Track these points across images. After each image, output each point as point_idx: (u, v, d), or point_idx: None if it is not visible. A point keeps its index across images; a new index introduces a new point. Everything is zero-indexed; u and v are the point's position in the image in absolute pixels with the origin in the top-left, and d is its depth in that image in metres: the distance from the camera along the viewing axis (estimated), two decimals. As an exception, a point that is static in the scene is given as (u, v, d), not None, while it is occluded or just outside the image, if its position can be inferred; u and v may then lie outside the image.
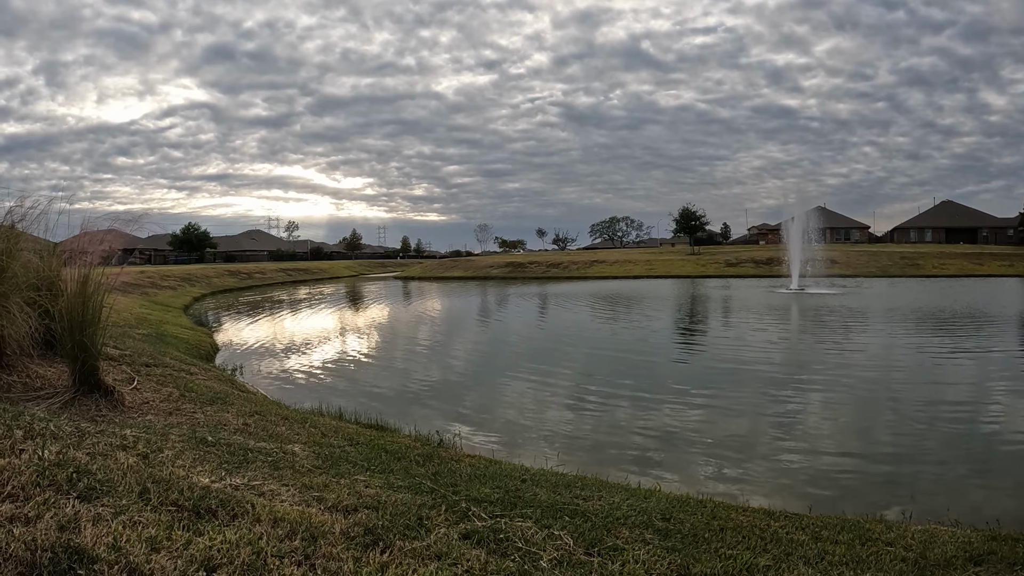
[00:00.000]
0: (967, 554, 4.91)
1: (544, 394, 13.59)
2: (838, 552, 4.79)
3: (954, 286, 47.06)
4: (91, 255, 7.81)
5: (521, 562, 3.67)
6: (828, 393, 13.22)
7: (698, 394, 13.21)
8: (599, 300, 41.14)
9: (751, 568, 4.09)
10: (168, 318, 25.19)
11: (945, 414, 11.42)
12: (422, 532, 3.96)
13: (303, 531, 3.66)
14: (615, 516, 4.88)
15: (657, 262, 78.91)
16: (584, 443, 10.10)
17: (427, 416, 11.28)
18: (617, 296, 44.19)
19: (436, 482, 5.42)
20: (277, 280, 71.47)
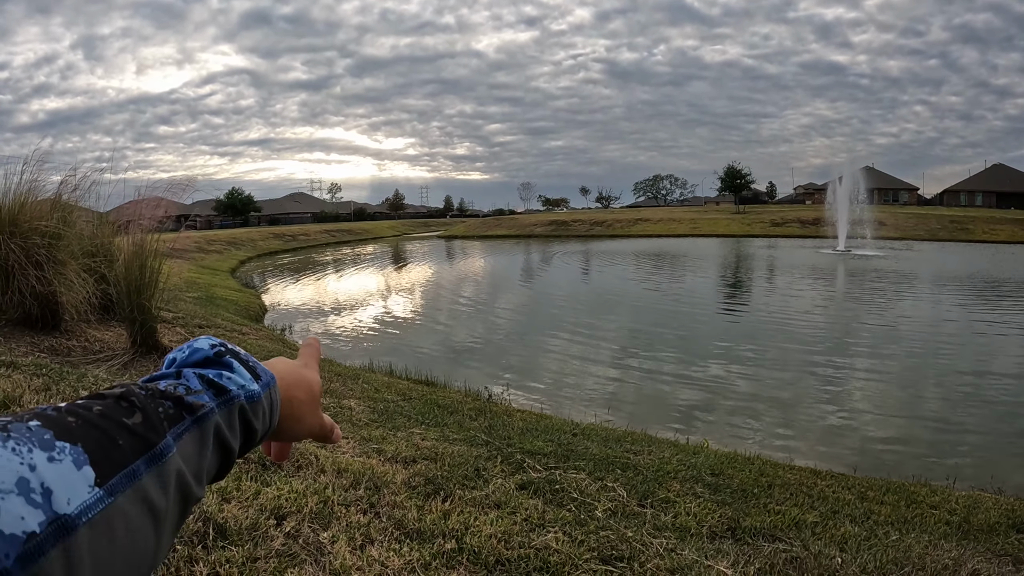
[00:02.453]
0: (1010, 521, 4.96)
1: (589, 351, 13.69)
2: (883, 512, 4.86)
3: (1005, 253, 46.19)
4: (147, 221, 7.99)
5: (577, 512, 3.79)
6: (874, 358, 13.15)
7: (743, 354, 13.23)
8: (643, 258, 41.05)
9: (799, 524, 4.18)
10: (216, 281, 25.54)
11: (992, 383, 11.34)
12: (480, 482, 4.09)
13: (366, 481, 3.80)
14: (665, 470, 4.98)
15: (702, 221, 78.29)
16: (630, 399, 10.20)
17: (475, 373, 11.42)
18: (662, 254, 44.09)
19: (490, 435, 5.55)
20: (321, 241, 71.84)
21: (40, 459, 0.50)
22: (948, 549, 3.99)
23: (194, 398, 0.67)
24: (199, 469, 0.65)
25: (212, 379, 0.71)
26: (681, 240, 62.70)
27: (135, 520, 0.55)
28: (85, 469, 0.52)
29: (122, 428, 0.58)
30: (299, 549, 2.91)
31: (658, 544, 3.41)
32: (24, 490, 0.47)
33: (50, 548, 0.47)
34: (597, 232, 74.97)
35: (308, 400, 0.87)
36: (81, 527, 0.49)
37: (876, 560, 3.56)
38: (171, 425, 0.63)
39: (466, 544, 3.12)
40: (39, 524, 0.47)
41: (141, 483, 0.56)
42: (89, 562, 0.49)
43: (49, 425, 0.53)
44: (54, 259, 7.31)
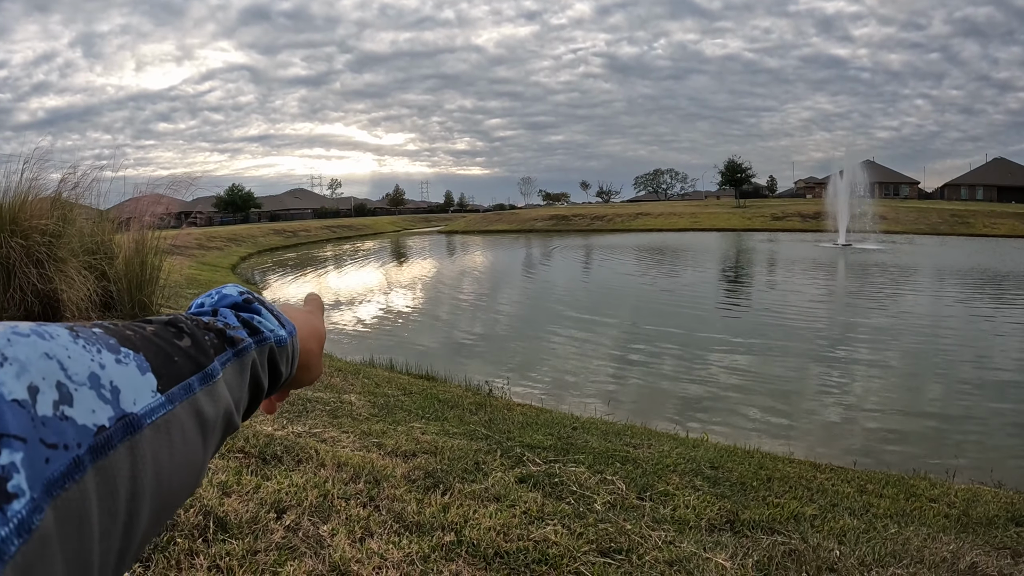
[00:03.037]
0: (1009, 514, 4.96)
1: (589, 346, 13.71)
2: (882, 505, 4.87)
3: (1006, 247, 46.19)
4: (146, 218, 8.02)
5: (576, 504, 3.81)
6: (874, 351, 13.16)
7: (743, 347, 13.25)
8: (644, 252, 41.09)
9: (798, 516, 4.19)
10: (217, 278, 25.55)
11: (993, 377, 11.36)
12: (480, 476, 4.11)
13: (366, 474, 3.82)
14: (665, 463, 4.99)
15: (702, 215, 78.34)
16: (630, 393, 10.22)
17: (475, 368, 11.43)
18: (663, 248, 44.16)
19: (490, 429, 5.58)
20: (322, 237, 71.88)
21: (108, 359, 0.52)
22: (947, 542, 4.01)
23: (234, 332, 0.71)
24: (239, 399, 0.69)
25: (247, 319, 0.75)
26: (682, 234, 62.74)
27: (189, 431, 0.58)
28: (148, 375, 0.55)
29: (175, 347, 0.61)
30: (299, 542, 2.93)
31: (656, 537, 3.43)
32: (95, 385, 0.49)
33: (118, 442, 0.49)
34: (598, 227, 75.02)
35: (318, 350, 0.91)
36: (145, 427, 0.52)
37: (875, 553, 3.58)
38: (216, 353, 0.66)
39: (465, 537, 3.14)
40: (108, 419, 0.49)
41: (196, 398, 0.60)
42: (151, 462, 0.52)
43: (111, 333, 0.56)
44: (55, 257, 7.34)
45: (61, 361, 0.48)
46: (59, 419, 0.45)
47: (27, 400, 0.43)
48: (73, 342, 0.50)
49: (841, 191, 54.46)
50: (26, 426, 0.43)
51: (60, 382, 0.46)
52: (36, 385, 0.45)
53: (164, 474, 0.53)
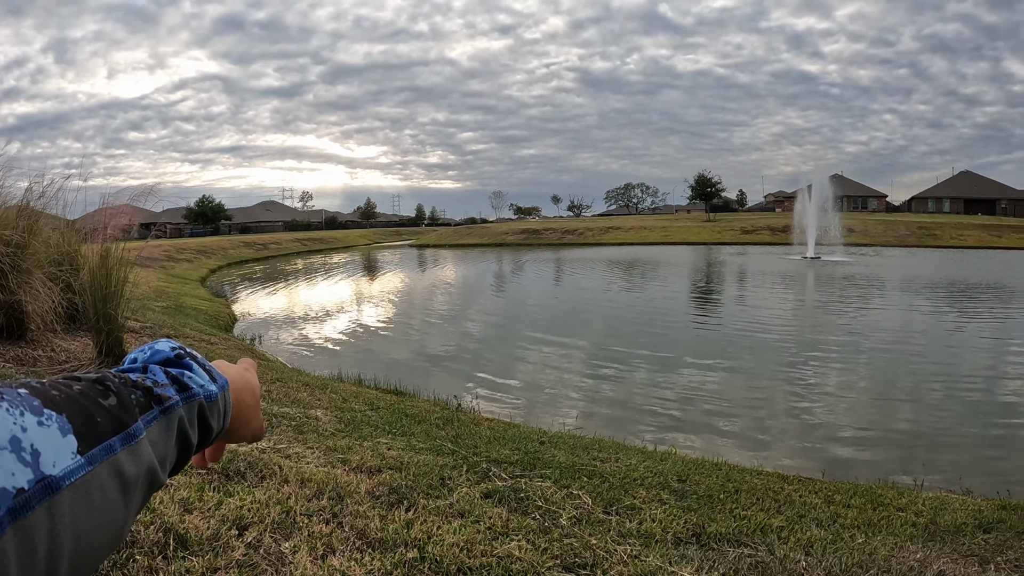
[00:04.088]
0: (976, 521, 4.99)
1: (560, 360, 13.70)
2: (850, 516, 4.88)
3: (972, 258, 46.80)
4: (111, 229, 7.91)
5: (542, 520, 3.78)
6: (843, 362, 13.27)
7: (713, 360, 13.27)
8: (615, 266, 41.24)
9: (765, 529, 4.19)
10: (186, 290, 25.37)
11: (961, 384, 11.46)
12: (445, 491, 4.07)
13: (330, 491, 3.78)
14: (632, 477, 4.98)
15: (673, 228, 78.80)
16: (600, 407, 10.20)
17: (445, 382, 11.38)
18: (634, 262, 44.32)
19: (457, 444, 5.53)
20: (293, 250, 71.64)
21: (31, 422, 0.53)
22: (914, 551, 4.02)
23: (162, 391, 0.71)
24: (164, 456, 0.69)
25: (176, 376, 0.75)
26: (652, 248, 63.08)
27: (109, 491, 0.58)
28: (69, 437, 0.56)
29: (99, 407, 0.62)
30: (260, 559, 2.88)
31: (622, 551, 3.41)
32: (16, 448, 0.51)
33: (36, 504, 0.50)
34: (569, 240, 75.24)
35: (253, 404, 0.91)
36: (64, 488, 0.53)
37: (841, 563, 3.57)
38: (142, 412, 0.66)
39: (428, 553, 3.10)
40: (28, 481, 0.50)
41: (117, 458, 0.60)
42: (69, 522, 0.53)
43: (36, 394, 0.57)
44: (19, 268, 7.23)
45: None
46: None
47: None
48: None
49: (810, 205, 54.91)
50: None
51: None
52: None
53: (83, 532, 0.54)
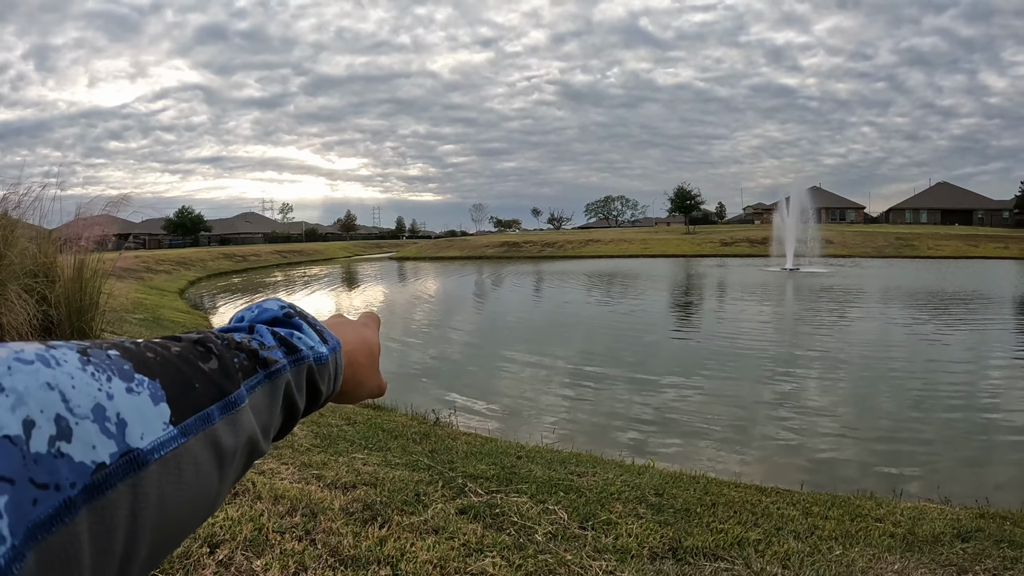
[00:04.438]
0: (955, 531, 4.99)
1: (540, 373, 13.68)
2: (828, 527, 4.87)
3: (949, 267, 47.27)
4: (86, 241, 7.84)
5: (517, 536, 3.75)
6: (822, 371, 13.31)
7: (692, 372, 13.28)
8: (594, 279, 41.31)
9: (742, 542, 4.17)
10: (164, 302, 25.18)
11: (940, 393, 11.51)
12: (419, 507, 4.05)
13: (303, 507, 3.74)
14: (609, 491, 4.96)
15: (652, 241, 79.08)
16: (580, 420, 10.17)
17: (423, 396, 11.33)
18: (613, 275, 44.38)
19: (433, 459, 5.50)
20: (272, 262, 71.37)
21: (118, 389, 0.48)
22: (892, 562, 4.02)
23: (268, 353, 0.66)
24: (267, 424, 0.64)
25: (284, 337, 0.70)
26: (632, 260, 63.23)
27: (204, 465, 0.53)
28: (161, 406, 0.50)
29: (198, 371, 0.56)
30: (230, 579, 2.85)
31: (597, 567, 3.39)
32: (100, 418, 0.45)
33: (118, 481, 0.45)
34: (549, 253, 75.33)
35: (369, 364, 0.87)
36: (152, 463, 0.47)
37: (818, 576, 3.56)
38: (245, 377, 0.62)
39: (401, 571, 3.08)
40: (110, 455, 0.45)
41: (214, 428, 0.55)
42: (155, 500, 0.48)
43: (128, 356, 0.51)
44: (-7, 279, 7.16)
45: (63, 392, 0.44)
46: (53, 456, 0.41)
47: (20, 436, 0.40)
48: (81, 369, 0.46)
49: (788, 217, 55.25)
50: (16, 466, 0.39)
51: (60, 415, 0.43)
52: (32, 419, 0.41)
53: (170, 511, 0.49)
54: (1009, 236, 74.61)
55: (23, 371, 0.42)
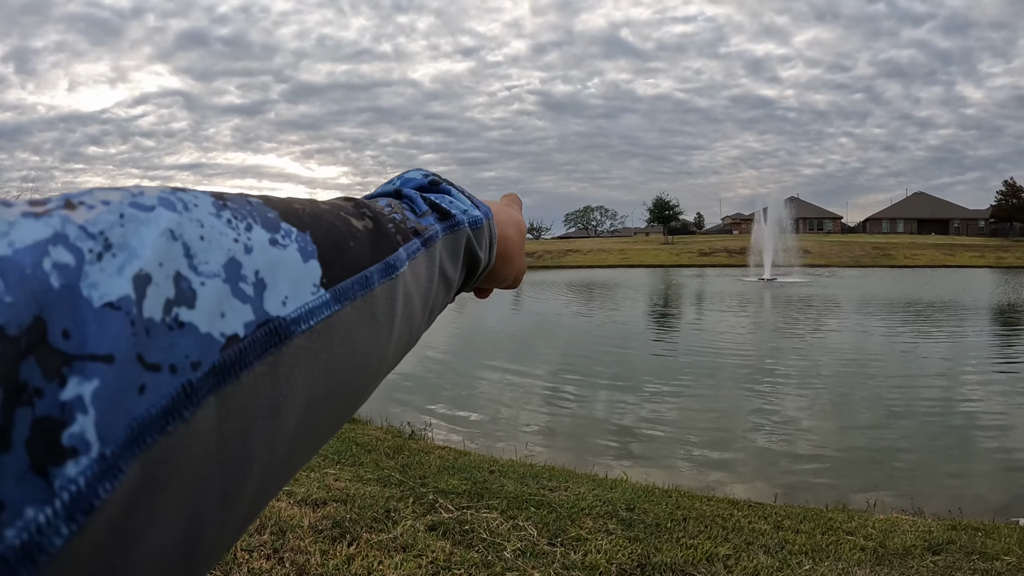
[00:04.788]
0: (926, 543, 5.01)
1: (517, 384, 13.65)
2: (798, 541, 4.89)
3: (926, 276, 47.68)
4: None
5: (485, 552, 3.75)
6: (799, 383, 13.34)
7: (669, 384, 13.28)
8: (573, 289, 41.38)
9: (711, 557, 4.19)
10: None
11: (917, 404, 11.56)
12: (389, 524, 4.04)
13: (272, 525, 3.73)
14: (580, 507, 4.96)
15: (631, 251, 79.42)
16: (555, 433, 10.16)
17: (399, 409, 11.30)
18: (592, 285, 44.44)
19: (405, 474, 5.50)
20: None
21: (259, 240, 0.38)
22: (861, 576, 4.04)
23: (421, 220, 0.57)
24: (426, 297, 0.56)
25: (435, 202, 0.61)
26: (611, 270, 63.41)
27: (360, 342, 0.43)
28: (312, 263, 0.40)
29: (353, 229, 0.47)
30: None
31: (565, 584, 3.39)
32: (233, 277, 0.35)
33: (255, 360, 0.34)
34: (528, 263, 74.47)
35: (518, 239, 0.80)
36: (297, 336, 0.37)
37: (784, 593, 3.58)
38: (403, 241, 0.52)
39: (367, 590, 3.07)
40: (245, 325, 0.34)
41: (373, 295, 0.45)
42: (301, 387, 0.38)
43: (273, 205, 0.42)
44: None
45: (189, 243, 0.34)
46: (168, 327, 0.31)
47: (129, 297, 0.30)
48: (215, 216, 0.36)
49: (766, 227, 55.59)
50: (118, 338, 0.29)
51: (180, 274, 0.32)
52: (148, 273, 0.31)
53: (317, 401, 0.40)
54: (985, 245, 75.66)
55: (139, 221, 0.32)
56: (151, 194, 0.34)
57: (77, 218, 0.30)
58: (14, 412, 0.25)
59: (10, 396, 0.25)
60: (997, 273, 54.98)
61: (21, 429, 0.25)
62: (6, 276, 0.26)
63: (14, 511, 0.24)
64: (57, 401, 0.26)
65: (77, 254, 0.29)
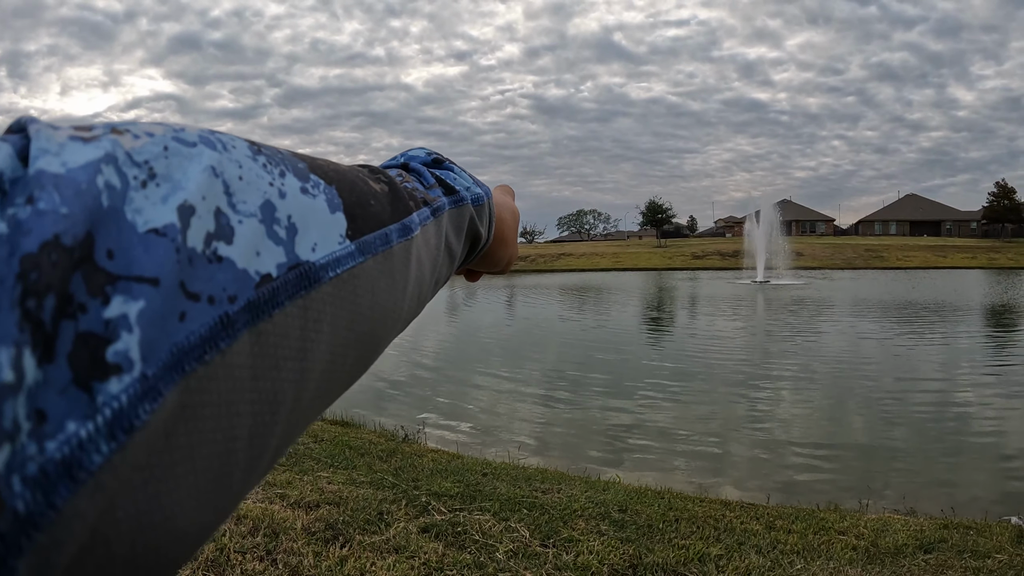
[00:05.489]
0: (918, 542, 5.03)
1: (510, 388, 13.64)
2: (790, 541, 4.90)
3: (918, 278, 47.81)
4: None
5: (478, 554, 3.76)
6: (793, 384, 13.35)
7: (662, 386, 13.27)
8: (566, 293, 41.43)
9: (703, 557, 4.20)
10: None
11: (909, 404, 11.58)
12: (382, 526, 4.05)
13: (265, 527, 3.74)
14: (572, 508, 4.97)
15: (624, 255, 79.43)
16: (548, 436, 10.16)
17: (392, 412, 11.29)
18: (585, 288, 44.49)
19: (398, 477, 5.50)
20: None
21: (292, 187, 0.39)
22: (853, 575, 4.05)
23: (430, 191, 0.59)
24: (434, 264, 0.57)
25: (441, 177, 0.63)
26: (604, 274, 63.44)
27: (381, 295, 0.45)
28: (338, 215, 0.42)
29: (372, 190, 0.48)
30: (187, 602, 2.84)
31: (557, 584, 3.40)
32: (268, 218, 0.36)
33: (286, 300, 0.35)
34: (521, 267, 75.26)
35: (513, 224, 0.81)
36: (325, 283, 0.39)
37: (776, 592, 3.59)
38: (416, 207, 0.53)
39: (360, 591, 3.08)
40: (277, 266, 0.36)
41: (391, 252, 0.47)
42: (327, 332, 0.39)
43: (302, 157, 0.44)
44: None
45: (228, 182, 0.35)
46: (208, 260, 0.32)
47: (174, 225, 0.31)
48: (252, 158, 0.38)
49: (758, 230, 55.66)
50: (166, 262, 0.30)
51: (220, 210, 0.34)
52: (192, 205, 0.32)
53: (339, 347, 0.41)
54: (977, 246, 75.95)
55: (183, 155, 0.34)
56: (192, 131, 0.36)
57: (124, 144, 0.32)
58: (59, 324, 0.26)
59: (61, 306, 0.26)
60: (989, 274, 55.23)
61: (64, 342, 0.26)
62: (62, 190, 0.27)
63: (56, 424, 0.25)
64: (101, 318, 0.27)
65: (123, 179, 0.30)
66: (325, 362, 0.39)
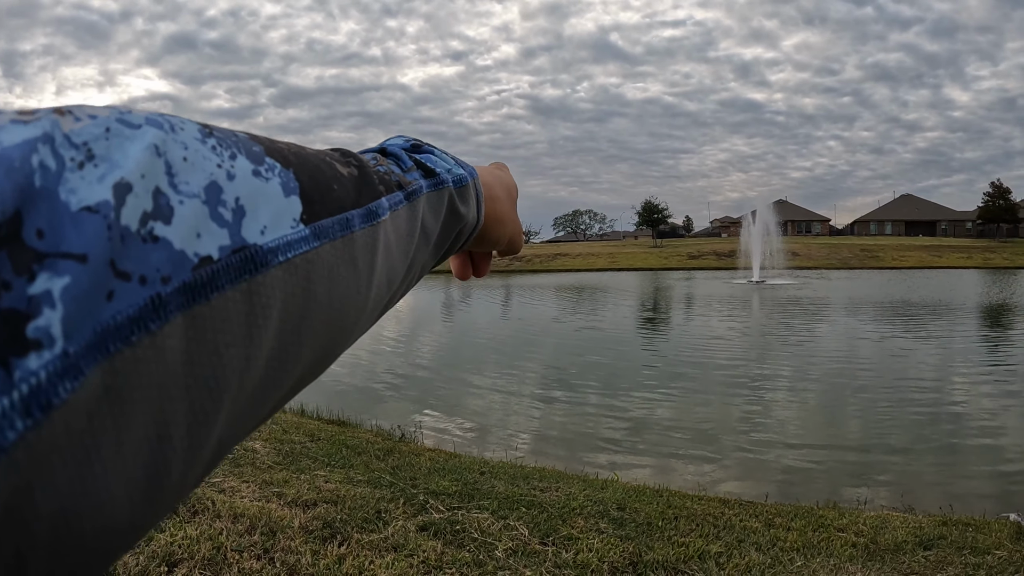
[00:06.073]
0: (917, 539, 5.02)
1: (507, 387, 13.63)
2: (790, 539, 4.89)
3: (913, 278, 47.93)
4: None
5: (476, 552, 3.75)
6: (790, 384, 13.36)
7: (659, 385, 13.28)
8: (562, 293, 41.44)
9: (703, 555, 4.18)
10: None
11: (906, 402, 11.58)
12: (380, 525, 4.03)
13: (262, 526, 3.72)
14: (571, 507, 4.96)
15: (620, 255, 79.43)
16: (546, 435, 10.15)
17: (390, 411, 11.27)
18: (581, 288, 44.50)
19: (395, 476, 5.48)
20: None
21: (243, 169, 0.37)
22: (853, 572, 4.05)
23: (407, 175, 0.56)
24: (406, 251, 0.54)
25: (420, 160, 0.61)
26: (600, 274, 63.44)
27: (339, 283, 0.43)
28: (292, 199, 0.40)
29: (337, 173, 0.46)
30: (184, 600, 2.83)
31: (557, 582, 3.39)
32: (212, 200, 0.34)
33: (227, 284, 0.34)
34: (516, 267, 75.29)
35: (508, 199, 0.78)
36: (274, 267, 0.36)
37: (776, 589, 3.58)
38: (387, 192, 0.51)
39: (358, 589, 3.06)
40: (219, 248, 0.34)
41: (353, 238, 0.44)
42: (276, 319, 0.37)
43: (259, 140, 0.41)
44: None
45: (171, 162, 0.33)
46: (143, 239, 0.30)
47: (108, 202, 0.29)
48: (200, 141, 0.36)
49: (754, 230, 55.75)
50: (96, 239, 0.28)
51: (159, 189, 0.32)
52: (129, 183, 0.30)
53: (289, 337, 0.39)
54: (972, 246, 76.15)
55: (124, 136, 0.32)
56: (140, 114, 0.34)
57: (64, 125, 0.30)
58: None
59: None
60: (984, 274, 55.40)
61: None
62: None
63: None
64: (24, 295, 0.25)
65: (59, 160, 0.29)
66: (275, 350, 0.37)
